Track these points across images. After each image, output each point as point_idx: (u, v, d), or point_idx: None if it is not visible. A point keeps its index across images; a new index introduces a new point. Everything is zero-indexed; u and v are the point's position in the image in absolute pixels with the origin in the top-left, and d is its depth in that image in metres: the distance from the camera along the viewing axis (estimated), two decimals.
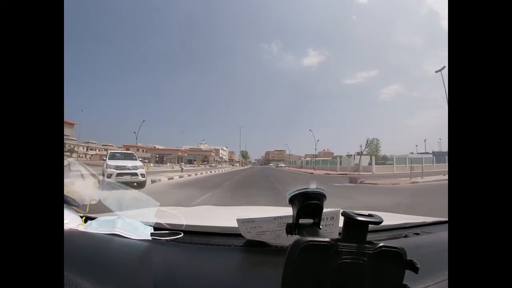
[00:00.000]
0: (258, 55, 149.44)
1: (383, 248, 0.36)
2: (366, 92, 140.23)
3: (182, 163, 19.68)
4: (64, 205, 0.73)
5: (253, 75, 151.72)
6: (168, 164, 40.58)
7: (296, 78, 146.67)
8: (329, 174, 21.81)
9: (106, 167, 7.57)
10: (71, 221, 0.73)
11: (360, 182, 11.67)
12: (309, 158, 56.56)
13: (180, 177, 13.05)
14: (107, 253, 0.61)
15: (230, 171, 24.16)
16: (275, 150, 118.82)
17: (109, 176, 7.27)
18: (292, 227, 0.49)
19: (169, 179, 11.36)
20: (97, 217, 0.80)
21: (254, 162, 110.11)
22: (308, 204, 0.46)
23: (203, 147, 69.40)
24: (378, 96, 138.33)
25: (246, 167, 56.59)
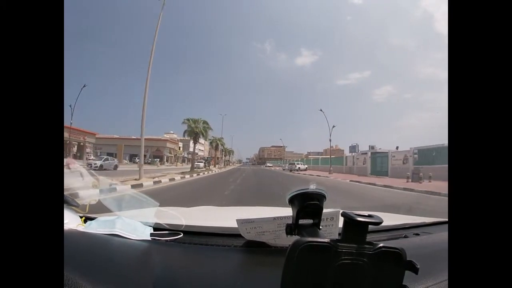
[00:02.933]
0: (251, 53, 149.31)
1: (383, 249, 0.36)
2: (359, 92, 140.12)
3: None
4: (64, 205, 0.73)
5: (246, 74, 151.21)
6: None
7: (289, 78, 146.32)
8: None
9: None
10: (71, 221, 0.73)
11: None
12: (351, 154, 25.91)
13: None
14: (107, 253, 0.61)
15: None
16: (272, 146, 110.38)
17: None
18: (292, 228, 0.49)
19: None
20: (96, 217, 0.80)
21: (246, 162, 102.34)
22: (308, 205, 0.46)
23: (167, 136, 49.39)
24: (371, 96, 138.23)
25: (210, 172, 21.15)
